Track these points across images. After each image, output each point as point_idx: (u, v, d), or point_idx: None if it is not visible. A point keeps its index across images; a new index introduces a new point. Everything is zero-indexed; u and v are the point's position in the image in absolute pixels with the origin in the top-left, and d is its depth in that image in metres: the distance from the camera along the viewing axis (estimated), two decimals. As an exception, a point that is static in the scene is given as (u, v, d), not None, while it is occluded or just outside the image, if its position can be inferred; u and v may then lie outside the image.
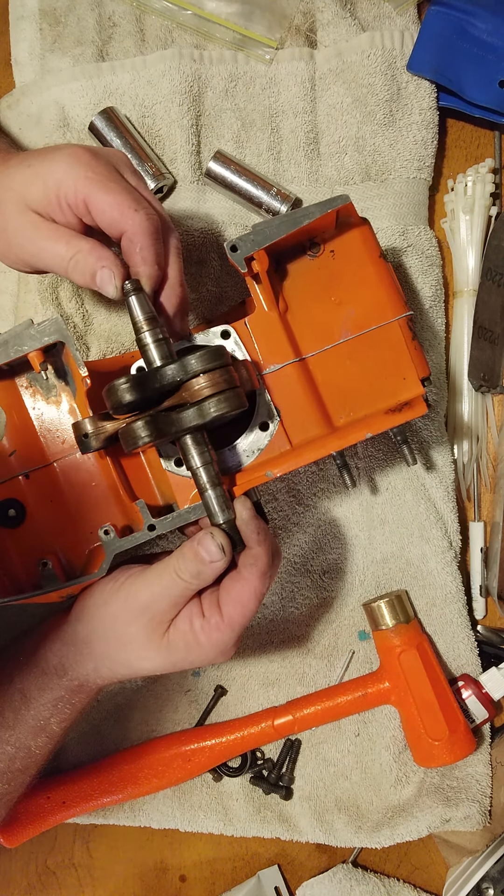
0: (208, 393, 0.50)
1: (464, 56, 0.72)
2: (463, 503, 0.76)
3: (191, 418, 0.50)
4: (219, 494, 0.53)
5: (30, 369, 0.58)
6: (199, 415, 0.50)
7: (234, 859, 0.75)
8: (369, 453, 0.73)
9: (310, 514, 0.73)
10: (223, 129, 0.73)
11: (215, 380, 0.50)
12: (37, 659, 0.58)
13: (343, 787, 0.72)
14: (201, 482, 0.52)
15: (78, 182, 0.51)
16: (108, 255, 0.52)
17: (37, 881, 0.76)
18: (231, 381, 0.51)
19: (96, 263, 0.51)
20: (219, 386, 0.50)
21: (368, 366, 0.58)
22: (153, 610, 0.53)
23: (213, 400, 0.50)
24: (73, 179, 0.51)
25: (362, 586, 0.73)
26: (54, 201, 0.52)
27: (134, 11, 0.75)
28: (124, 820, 0.73)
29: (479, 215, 0.73)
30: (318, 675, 0.73)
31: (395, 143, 0.73)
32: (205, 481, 0.52)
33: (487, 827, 0.70)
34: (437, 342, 0.74)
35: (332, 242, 0.58)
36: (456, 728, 0.67)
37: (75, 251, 0.52)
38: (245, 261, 0.54)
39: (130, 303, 0.52)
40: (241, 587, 0.53)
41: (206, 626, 0.53)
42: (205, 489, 0.52)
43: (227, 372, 0.51)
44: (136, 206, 0.51)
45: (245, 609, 0.53)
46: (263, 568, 0.53)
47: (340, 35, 0.73)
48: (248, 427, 0.57)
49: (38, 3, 0.75)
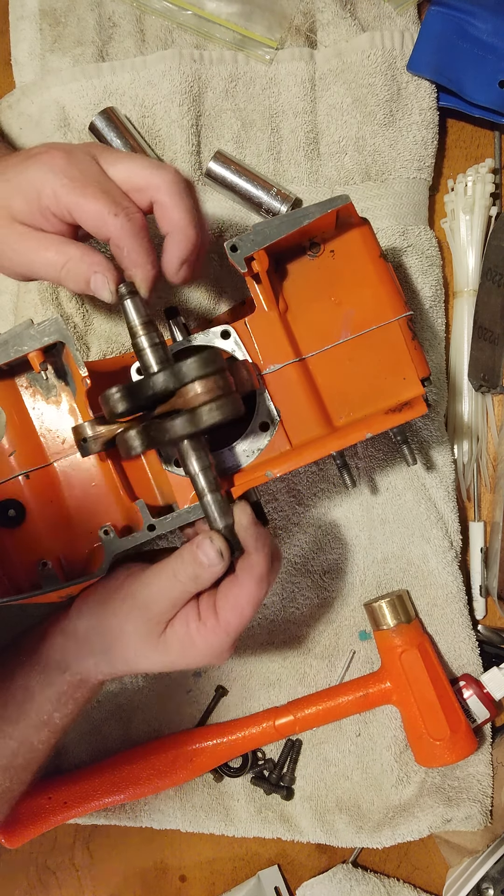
0: (202, 400, 0.49)
1: (464, 56, 0.72)
2: (463, 503, 0.76)
3: (183, 426, 0.49)
4: (217, 500, 0.52)
5: (30, 369, 0.58)
6: (191, 423, 0.49)
7: (234, 859, 0.75)
8: (369, 453, 0.73)
9: (310, 514, 0.73)
10: (223, 129, 0.73)
11: (209, 386, 0.49)
12: (39, 656, 0.58)
13: (344, 787, 0.72)
14: (199, 487, 0.52)
15: (57, 190, 0.50)
16: (99, 260, 0.51)
17: (37, 881, 0.76)
18: (226, 388, 0.50)
19: (88, 269, 0.50)
20: (212, 393, 0.49)
21: (368, 366, 0.58)
22: (151, 610, 0.54)
23: (207, 408, 0.49)
24: (51, 188, 0.50)
25: (363, 586, 0.73)
26: (37, 212, 0.51)
27: (134, 11, 0.75)
28: (125, 820, 0.73)
29: (479, 215, 0.73)
30: (319, 675, 0.73)
31: (395, 143, 0.73)
32: (203, 486, 0.52)
33: (488, 827, 0.70)
34: (437, 342, 0.74)
35: (332, 242, 0.58)
36: (457, 728, 0.67)
37: (66, 259, 0.51)
38: (245, 261, 0.54)
39: (126, 307, 0.51)
40: (238, 592, 0.52)
41: (201, 629, 0.53)
42: (203, 494, 0.52)
43: (223, 377, 0.50)
44: (116, 209, 0.50)
45: (241, 614, 0.52)
46: (261, 574, 0.52)
47: (340, 35, 0.73)
48: (247, 427, 0.57)
49: (38, 3, 0.75)
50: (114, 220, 0.50)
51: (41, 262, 0.52)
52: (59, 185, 0.50)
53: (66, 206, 0.50)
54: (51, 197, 0.50)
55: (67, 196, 0.50)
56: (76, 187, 0.50)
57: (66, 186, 0.50)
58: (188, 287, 0.72)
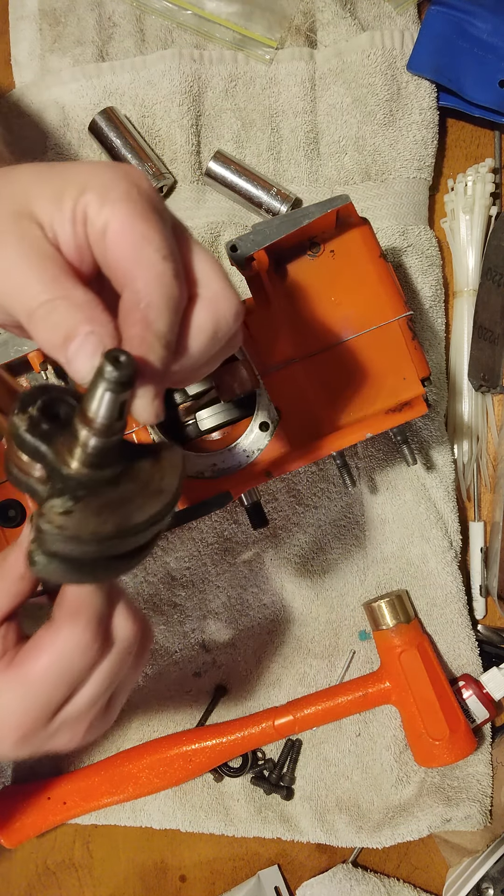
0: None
1: (464, 56, 0.72)
2: (463, 503, 0.76)
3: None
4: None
5: (30, 369, 0.58)
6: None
7: (234, 859, 0.75)
8: (369, 453, 0.73)
9: (310, 514, 0.73)
10: (223, 129, 0.73)
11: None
12: None
13: (344, 786, 0.72)
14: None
15: (109, 193, 0.33)
16: (104, 321, 0.33)
17: (37, 881, 0.76)
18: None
19: (81, 324, 0.32)
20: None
21: (368, 366, 0.58)
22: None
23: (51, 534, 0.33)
24: (102, 188, 0.33)
25: (363, 586, 0.73)
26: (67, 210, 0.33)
27: (134, 11, 0.75)
28: (125, 820, 0.73)
29: (479, 215, 0.73)
30: (319, 675, 0.73)
31: (395, 142, 0.73)
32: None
33: (488, 827, 0.70)
34: (437, 342, 0.74)
35: (332, 242, 0.58)
36: (457, 728, 0.67)
37: (59, 294, 0.32)
38: (245, 261, 0.54)
39: (102, 396, 0.32)
40: (49, 639, 0.37)
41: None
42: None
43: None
44: (169, 254, 0.33)
45: (47, 669, 0.36)
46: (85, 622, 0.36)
47: (340, 35, 0.73)
48: (248, 427, 0.57)
49: (38, 3, 0.75)
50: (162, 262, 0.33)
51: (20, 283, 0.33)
52: (117, 190, 0.33)
53: (108, 221, 0.32)
54: (95, 198, 0.33)
55: (118, 208, 0.32)
56: (138, 209, 0.33)
57: (123, 198, 0.33)
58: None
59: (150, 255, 0.32)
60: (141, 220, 0.32)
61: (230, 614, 0.73)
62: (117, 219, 0.32)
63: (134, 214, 0.32)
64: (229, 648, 0.73)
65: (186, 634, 0.73)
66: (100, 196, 0.32)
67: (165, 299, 0.32)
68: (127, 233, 0.32)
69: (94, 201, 0.32)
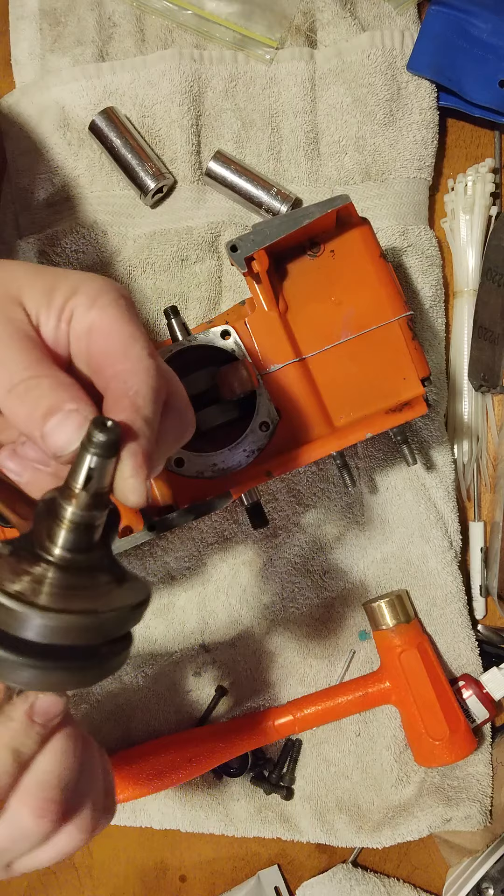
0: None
1: (464, 56, 0.72)
2: (463, 503, 0.76)
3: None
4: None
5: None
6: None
7: (234, 859, 0.75)
8: (369, 453, 0.73)
9: (310, 514, 0.73)
10: (223, 129, 0.73)
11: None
12: None
13: (344, 786, 0.72)
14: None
15: (98, 299, 0.36)
16: (88, 402, 0.35)
17: (37, 881, 0.76)
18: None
19: (66, 402, 0.34)
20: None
21: (368, 366, 0.58)
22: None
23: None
24: (93, 292, 0.36)
25: (363, 586, 0.73)
26: (56, 306, 0.36)
27: (134, 11, 0.75)
28: (125, 820, 0.73)
29: (479, 215, 0.73)
30: (319, 675, 0.73)
31: (395, 142, 0.73)
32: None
33: (488, 827, 0.70)
34: (437, 342, 0.74)
35: (332, 242, 0.58)
36: (457, 728, 0.67)
37: (43, 373, 0.35)
38: (245, 261, 0.54)
39: (90, 462, 0.33)
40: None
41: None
42: None
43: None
44: (153, 353, 0.37)
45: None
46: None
47: (340, 35, 0.73)
48: (248, 427, 0.57)
49: (38, 3, 0.75)
50: (146, 358, 0.36)
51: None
52: (108, 295, 0.37)
53: (94, 322, 0.36)
54: (85, 299, 0.36)
55: (107, 311, 0.36)
56: (124, 314, 0.36)
57: (113, 303, 0.36)
58: (188, 287, 0.72)
59: (138, 352, 0.36)
60: (129, 323, 0.36)
61: (230, 614, 0.73)
62: (106, 320, 0.36)
63: (122, 318, 0.36)
64: (229, 648, 0.73)
65: (186, 635, 0.73)
66: (89, 299, 0.36)
67: (152, 389, 0.36)
68: (115, 332, 0.36)
69: (83, 303, 0.36)
